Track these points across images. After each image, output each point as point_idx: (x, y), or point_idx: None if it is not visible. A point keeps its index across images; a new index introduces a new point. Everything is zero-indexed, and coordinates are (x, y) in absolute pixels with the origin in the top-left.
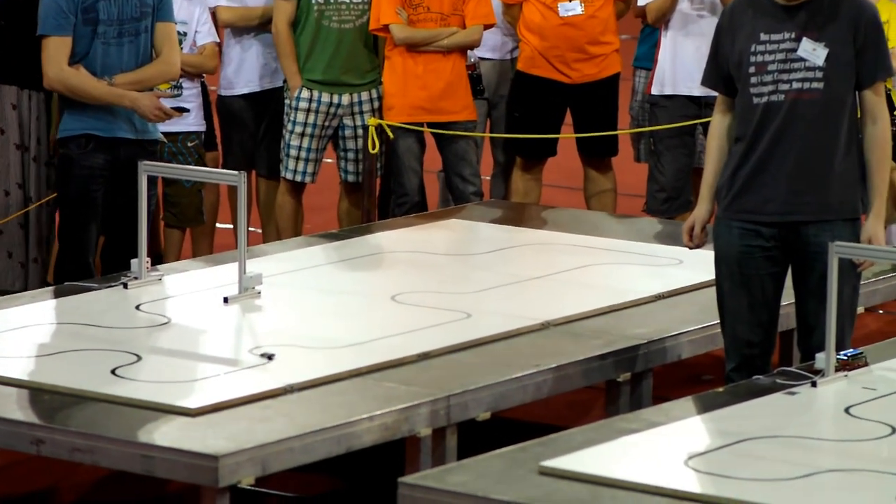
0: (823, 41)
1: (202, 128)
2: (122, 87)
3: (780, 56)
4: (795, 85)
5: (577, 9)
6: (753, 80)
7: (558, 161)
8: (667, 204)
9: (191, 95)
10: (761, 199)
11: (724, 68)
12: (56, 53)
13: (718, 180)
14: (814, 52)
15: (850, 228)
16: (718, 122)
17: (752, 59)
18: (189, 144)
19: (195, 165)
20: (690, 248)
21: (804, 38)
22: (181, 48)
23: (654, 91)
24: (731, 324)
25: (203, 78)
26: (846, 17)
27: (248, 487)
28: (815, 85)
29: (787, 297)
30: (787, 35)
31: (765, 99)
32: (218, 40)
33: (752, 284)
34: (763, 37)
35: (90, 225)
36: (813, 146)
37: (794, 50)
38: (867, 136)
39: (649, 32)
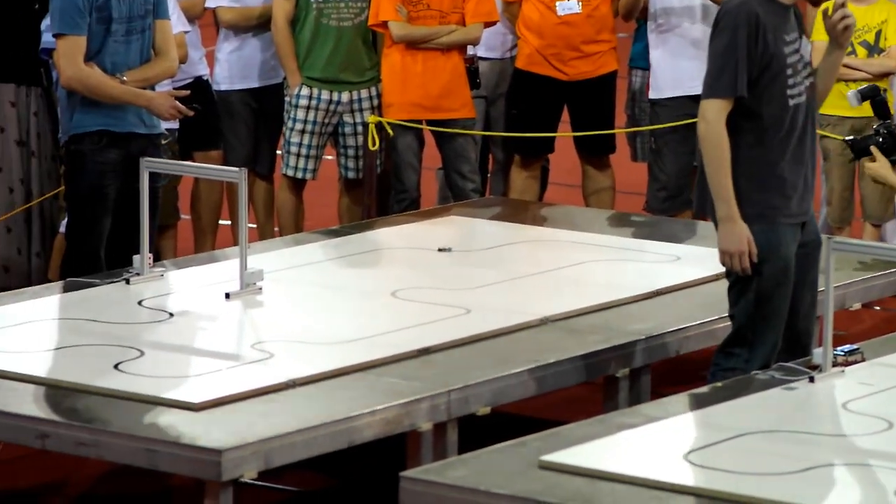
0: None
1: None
2: (131, 85)
3: (796, 56)
4: (806, 83)
5: (574, 7)
6: (791, 81)
7: (558, 158)
8: (668, 202)
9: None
10: (799, 198)
11: (751, 73)
12: (73, 52)
13: (751, 191)
14: (806, 48)
15: None
16: (725, 133)
17: (788, 59)
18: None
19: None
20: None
21: (803, 37)
22: None
23: (653, 96)
24: (778, 324)
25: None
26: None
27: (251, 482)
28: (809, 81)
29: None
30: (794, 35)
31: (795, 100)
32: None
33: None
34: (786, 37)
35: (103, 220)
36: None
37: (799, 49)
38: None
39: (644, 31)
